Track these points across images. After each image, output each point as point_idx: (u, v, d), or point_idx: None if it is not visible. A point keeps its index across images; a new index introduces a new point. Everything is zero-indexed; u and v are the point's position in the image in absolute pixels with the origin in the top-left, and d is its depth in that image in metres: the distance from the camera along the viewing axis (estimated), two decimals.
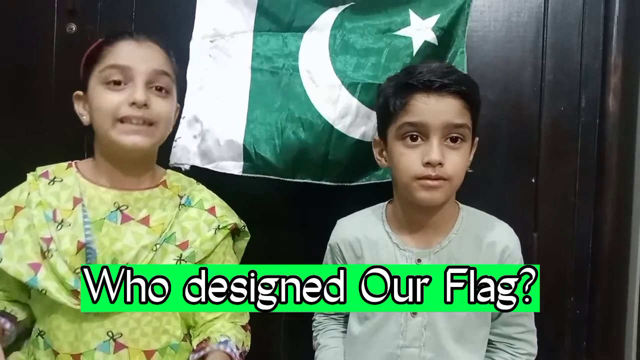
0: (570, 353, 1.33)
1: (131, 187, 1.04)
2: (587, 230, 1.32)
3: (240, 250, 1.17)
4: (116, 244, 0.98)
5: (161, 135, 1.03)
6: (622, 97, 1.30)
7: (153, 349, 0.99)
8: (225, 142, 1.23)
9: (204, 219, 1.06)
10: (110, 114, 0.97)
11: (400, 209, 1.06)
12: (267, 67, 1.26)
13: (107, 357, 0.96)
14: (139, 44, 1.00)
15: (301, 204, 1.31)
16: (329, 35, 1.24)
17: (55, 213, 0.98)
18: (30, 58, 1.39)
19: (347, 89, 1.21)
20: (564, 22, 1.32)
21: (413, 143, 0.97)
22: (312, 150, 1.21)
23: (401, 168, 0.98)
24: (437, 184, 0.96)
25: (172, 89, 1.04)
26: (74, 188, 1.01)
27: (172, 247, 1.01)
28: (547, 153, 1.33)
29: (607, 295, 1.32)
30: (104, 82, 0.98)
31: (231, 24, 1.28)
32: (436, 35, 1.20)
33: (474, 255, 1.02)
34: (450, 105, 0.96)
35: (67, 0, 1.37)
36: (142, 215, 1.02)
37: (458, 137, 0.97)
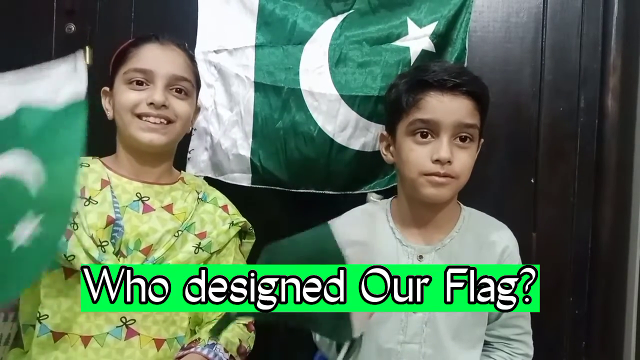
0: (569, 353, 1.33)
1: (152, 181, 1.08)
2: (586, 230, 1.33)
3: (246, 253, 1.19)
4: (141, 227, 1.02)
5: (177, 134, 1.08)
6: (621, 98, 1.30)
7: (162, 338, 1.01)
8: (233, 156, 1.28)
9: (218, 214, 1.11)
10: (129, 110, 1.03)
11: (404, 204, 1.07)
12: (269, 82, 1.27)
13: (117, 343, 0.98)
14: (163, 47, 1.06)
15: (306, 211, 1.32)
16: (328, 48, 1.25)
17: (84, 190, 1.02)
18: (30, 58, 1.37)
19: (346, 103, 1.23)
20: (562, 22, 1.32)
21: (423, 140, 0.99)
22: (314, 163, 1.25)
23: (410, 163, 1.00)
24: (444, 181, 0.98)
25: (191, 92, 1.09)
26: (101, 173, 1.06)
27: (191, 236, 1.05)
28: (546, 153, 1.33)
29: (606, 296, 1.33)
30: (127, 82, 1.04)
31: (233, 38, 1.29)
32: (433, 42, 1.22)
33: (474, 254, 1.03)
34: (463, 105, 0.98)
35: (66, 1, 1.37)
36: (166, 203, 1.07)
37: (467, 136, 1.00)
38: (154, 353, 1.00)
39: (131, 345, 0.98)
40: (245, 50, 1.28)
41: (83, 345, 0.97)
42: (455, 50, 1.23)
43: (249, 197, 1.26)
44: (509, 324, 1.06)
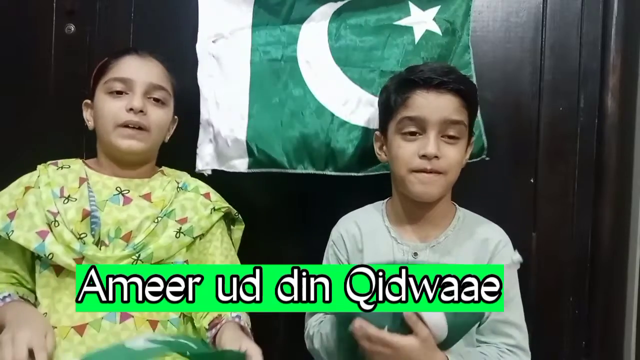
0: (569, 353, 1.33)
1: (132, 176, 1.12)
2: (586, 230, 1.32)
3: (237, 240, 1.22)
4: (121, 214, 1.05)
5: (154, 141, 1.12)
6: (621, 98, 1.30)
7: (156, 320, 1.03)
8: (232, 142, 1.25)
9: (200, 201, 1.13)
10: (111, 119, 1.07)
11: (398, 202, 1.10)
12: (265, 59, 1.26)
13: (113, 327, 1.00)
14: (141, 58, 1.11)
15: (305, 205, 1.32)
16: (327, 25, 1.24)
17: (63, 190, 1.06)
18: (29, 58, 1.39)
19: (347, 77, 1.22)
20: (562, 22, 1.32)
21: (411, 137, 1.03)
22: (313, 139, 1.21)
23: (399, 160, 1.03)
24: (431, 178, 1.00)
25: (168, 101, 1.14)
26: (80, 172, 1.10)
27: (172, 222, 1.08)
28: (545, 153, 1.33)
29: (606, 295, 1.33)
30: (108, 91, 1.09)
31: (230, 22, 1.28)
32: (439, 25, 1.21)
33: (468, 252, 1.04)
34: (449, 101, 1.01)
35: (66, 1, 1.37)
36: (144, 192, 1.10)
37: (454, 134, 1.02)
38: (150, 333, 1.02)
39: (127, 328, 1.01)
40: (242, 31, 1.27)
41: (79, 334, 0.99)
42: (465, 40, 1.23)
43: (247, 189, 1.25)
44: (498, 331, 1.02)
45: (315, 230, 1.19)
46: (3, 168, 1.21)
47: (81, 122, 1.15)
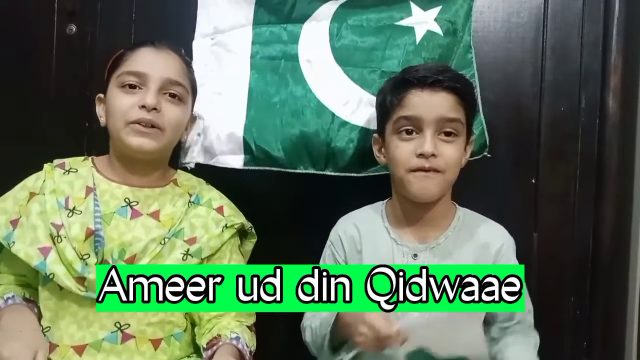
0: (570, 353, 1.33)
1: (142, 184, 1.06)
2: (587, 230, 1.32)
3: (247, 253, 1.18)
4: (125, 235, 1.00)
5: (168, 141, 1.06)
6: (622, 98, 1.30)
7: (159, 338, 1.01)
8: (225, 136, 1.22)
9: (212, 217, 1.08)
10: (122, 116, 1.01)
11: (397, 204, 1.09)
12: (266, 56, 1.25)
13: (114, 348, 0.98)
14: (158, 51, 1.05)
15: (305, 205, 1.32)
16: (329, 25, 1.24)
17: (68, 200, 1.01)
18: (30, 59, 1.39)
19: (348, 77, 1.22)
20: (563, 22, 1.32)
21: (408, 136, 1.03)
22: (313, 138, 1.20)
23: (396, 160, 1.03)
24: (429, 175, 1.00)
25: (186, 98, 1.07)
26: (87, 178, 1.04)
27: (180, 242, 1.03)
28: (547, 154, 1.33)
29: (607, 295, 1.32)
30: (120, 85, 1.02)
31: (230, 19, 1.28)
32: (440, 25, 1.21)
33: (468, 253, 1.04)
34: (444, 99, 1.01)
35: (67, 2, 1.37)
36: (153, 209, 1.04)
37: (451, 131, 1.02)
38: (151, 353, 1.01)
39: (128, 348, 0.98)
40: (242, 29, 1.27)
41: (77, 354, 0.97)
42: (466, 40, 1.23)
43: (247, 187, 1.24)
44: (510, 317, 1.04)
45: (315, 231, 1.19)
46: (4, 168, 1.22)
47: (82, 123, 1.15)
